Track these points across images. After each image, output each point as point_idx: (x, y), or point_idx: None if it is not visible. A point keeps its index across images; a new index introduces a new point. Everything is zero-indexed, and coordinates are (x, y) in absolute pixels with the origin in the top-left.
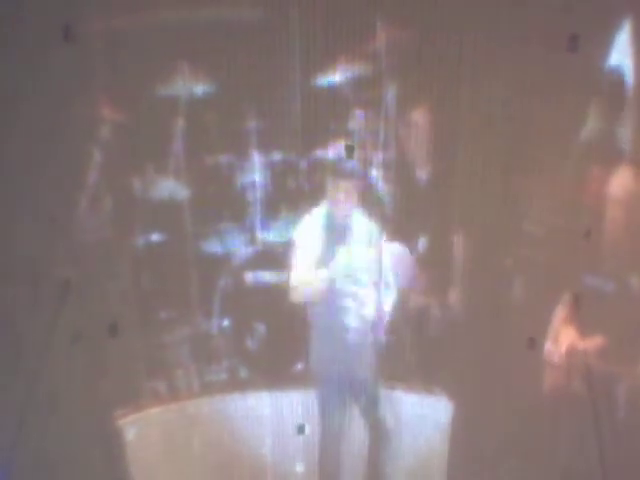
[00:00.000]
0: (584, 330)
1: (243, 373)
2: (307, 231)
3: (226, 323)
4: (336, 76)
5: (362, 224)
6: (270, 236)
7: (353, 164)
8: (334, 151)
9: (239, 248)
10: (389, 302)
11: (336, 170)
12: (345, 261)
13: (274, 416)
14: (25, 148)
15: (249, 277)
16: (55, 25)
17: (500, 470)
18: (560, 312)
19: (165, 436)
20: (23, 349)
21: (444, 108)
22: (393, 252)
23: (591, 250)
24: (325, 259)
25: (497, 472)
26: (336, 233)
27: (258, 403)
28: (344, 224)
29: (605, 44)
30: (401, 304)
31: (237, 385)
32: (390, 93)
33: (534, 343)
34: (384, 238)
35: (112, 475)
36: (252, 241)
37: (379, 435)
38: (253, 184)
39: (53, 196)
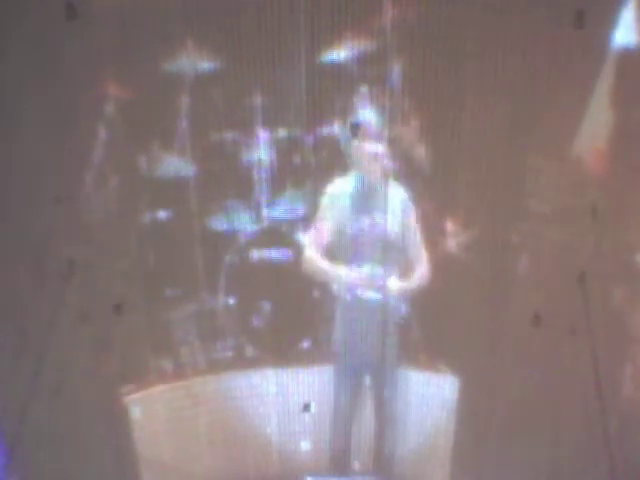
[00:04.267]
0: (589, 307)
1: (249, 351)
2: (335, 198)
3: (232, 301)
4: (341, 52)
5: (395, 192)
6: (276, 213)
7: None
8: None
9: (245, 225)
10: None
11: (363, 134)
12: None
13: (280, 394)
14: (30, 128)
15: (255, 254)
16: (59, 3)
17: (506, 447)
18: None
19: (171, 414)
20: (29, 329)
21: (449, 85)
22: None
23: (597, 228)
24: (351, 228)
25: (503, 449)
26: (365, 200)
27: (264, 381)
28: (375, 190)
29: (611, 20)
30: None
31: (243, 363)
32: (395, 70)
33: (539, 320)
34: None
35: (118, 453)
36: (258, 218)
37: (386, 414)
38: (258, 161)
39: (59, 175)
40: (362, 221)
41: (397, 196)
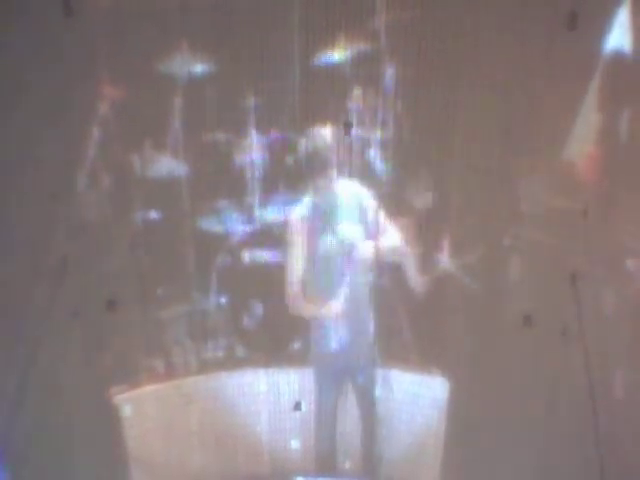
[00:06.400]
0: (581, 309)
1: (240, 351)
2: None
3: (223, 301)
4: (335, 54)
5: (353, 203)
6: (268, 214)
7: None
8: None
9: (237, 226)
10: (385, 280)
11: (317, 157)
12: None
13: (271, 393)
14: (25, 125)
15: (247, 255)
16: (56, 2)
17: (496, 449)
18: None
19: (162, 413)
20: (21, 327)
21: (443, 87)
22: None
23: (588, 230)
24: (318, 246)
25: (493, 451)
26: (323, 217)
27: (255, 380)
28: (330, 207)
29: (604, 23)
30: (397, 283)
31: (234, 362)
32: (389, 71)
33: (530, 321)
34: (381, 216)
35: (109, 451)
36: (250, 219)
37: (375, 415)
38: (251, 162)
39: (52, 173)
40: (326, 243)
41: (357, 206)
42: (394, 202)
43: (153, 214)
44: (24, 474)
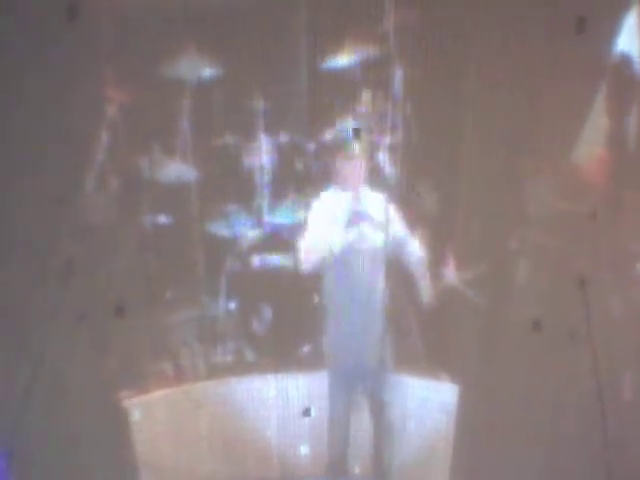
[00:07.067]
0: (589, 313)
1: (249, 356)
2: (318, 215)
3: (232, 305)
4: (343, 57)
5: (374, 204)
6: (277, 218)
7: (359, 146)
8: (340, 133)
9: (246, 230)
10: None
11: (342, 152)
12: (355, 241)
13: (280, 398)
14: (31, 128)
15: (256, 259)
16: (61, 4)
17: (505, 453)
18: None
19: (171, 418)
20: (28, 330)
21: (450, 90)
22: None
23: (597, 233)
24: (336, 241)
25: (502, 455)
26: (347, 215)
27: (264, 385)
28: (354, 205)
29: (612, 26)
30: (407, 288)
31: (243, 367)
32: (397, 74)
33: (539, 325)
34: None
35: (117, 457)
36: (259, 223)
37: (385, 419)
38: (260, 166)
39: (59, 176)
40: (349, 234)
41: (379, 205)
42: (403, 204)
43: (162, 218)
44: (31, 477)
